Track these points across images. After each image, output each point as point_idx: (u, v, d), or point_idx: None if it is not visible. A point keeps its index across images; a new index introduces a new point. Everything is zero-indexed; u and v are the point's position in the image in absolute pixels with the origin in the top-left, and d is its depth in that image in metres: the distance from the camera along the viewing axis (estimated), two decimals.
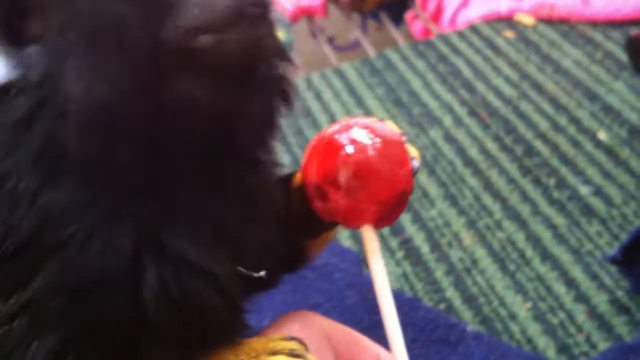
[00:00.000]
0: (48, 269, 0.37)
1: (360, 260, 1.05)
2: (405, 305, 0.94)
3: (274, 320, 0.49)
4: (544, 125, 1.27)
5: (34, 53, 0.36)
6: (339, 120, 0.50)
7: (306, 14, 1.78)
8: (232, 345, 0.45)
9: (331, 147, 0.46)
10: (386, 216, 0.47)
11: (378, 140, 0.46)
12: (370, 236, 0.47)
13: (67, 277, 0.37)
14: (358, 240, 1.10)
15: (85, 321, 0.39)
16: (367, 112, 1.39)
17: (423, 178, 1.20)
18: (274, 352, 0.44)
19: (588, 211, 1.09)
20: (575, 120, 1.27)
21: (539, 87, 1.36)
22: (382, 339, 0.49)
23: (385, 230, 1.10)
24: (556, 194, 1.12)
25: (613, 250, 0.99)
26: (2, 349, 0.38)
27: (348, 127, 0.47)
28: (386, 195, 0.46)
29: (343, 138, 0.46)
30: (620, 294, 0.96)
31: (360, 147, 0.46)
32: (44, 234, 0.37)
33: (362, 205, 0.46)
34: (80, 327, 0.38)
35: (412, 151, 0.50)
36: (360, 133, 0.47)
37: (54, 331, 0.38)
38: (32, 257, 0.37)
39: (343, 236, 1.10)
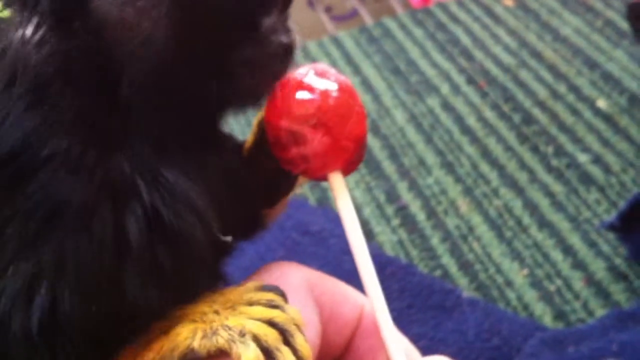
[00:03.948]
0: (34, 186, 0.38)
1: None
2: (400, 271, 0.93)
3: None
4: (542, 93, 1.25)
5: None
6: None
7: None
8: (208, 295, 0.44)
9: (303, 90, 0.45)
10: (356, 158, 0.47)
11: (342, 81, 0.47)
12: (340, 182, 0.47)
13: (53, 196, 0.38)
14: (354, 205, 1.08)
15: (62, 248, 0.38)
16: (365, 81, 1.37)
17: (420, 146, 1.19)
18: (251, 303, 0.43)
19: (586, 179, 1.07)
20: (574, 88, 1.25)
21: (538, 55, 1.35)
22: None
23: (382, 197, 1.09)
24: (554, 162, 1.11)
25: (611, 217, 0.98)
26: None
27: (308, 72, 0.46)
28: (361, 132, 0.46)
29: (313, 81, 0.46)
30: (618, 261, 0.95)
31: (333, 88, 0.46)
32: (34, 150, 0.38)
33: (342, 142, 0.46)
34: (57, 254, 0.38)
35: None
36: (322, 77, 0.46)
37: (31, 257, 0.38)
38: (19, 173, 0.38)
39: None
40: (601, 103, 1.21)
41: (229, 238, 0.47)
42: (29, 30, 0.40)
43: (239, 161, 0.50)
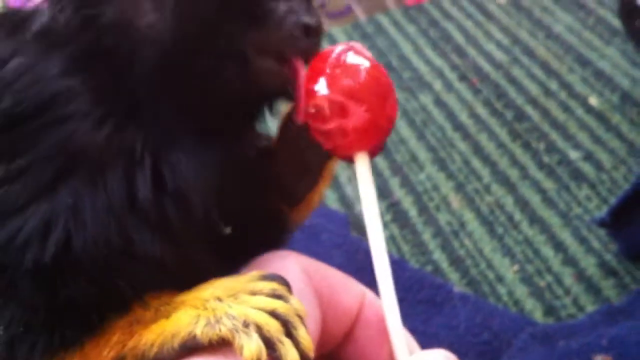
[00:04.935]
0: (58, 136, 0.42)
1: (347, 222, 1.04)
2: (391, 266, 0.93)
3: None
4: (535, 90, 1.26)
5: None
6: None
7: None
8: (210, 282, 0.44)
9: (347, 66, 0.47)
10: (384, 141, 0.49)
11: (377, 62, 0.48)
12: (366, 164, 0.48)
13: (74, 147, 0.43)
14: (345, 203, 1.09)
15: (78, 194, 0.42)
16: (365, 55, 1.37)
17: (412, 142, 1.19)
18: (254, 292, 0.43)
19: (578, 175, 1.08)
20: (566, 86, 1.25)
21: (530, 53, 1.35)
22: None
23: None
24: (546, 158, 1.12)
25: (602, 213, 0.98)
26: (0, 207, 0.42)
27: (349, 49, 0.47)
28: (394, 113, 0.48)
29: (355, 57, 0.47)
30: (608, 257, 0.95)
31: (374, 66, 0.47)
32: (64, 105, 0.43)
33: (380, 120, 0.47)
34: (74, 199, 0.42)
35: None
36: (361, 55, 0.47)
37: (49, 198, 0.42)
38: (47, 122, 0.43)
39: (330, 199, 1.09)
40: (593, 100, 1.21)
41: (228, 229, 0.49)
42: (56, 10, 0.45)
43: (260, 157, 0.51)
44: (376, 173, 1.13)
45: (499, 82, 1.29)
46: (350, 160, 0.48)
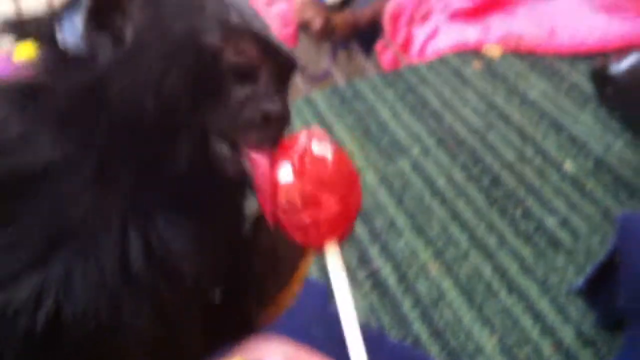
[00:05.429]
0: (50, 206, 0.44)
1: (326, 293, 1.04)
2: (371, 341, 0.93)
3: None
4: (510, 155, 1.28)
5: (105, 41, 0.46)
6: None
7: None
8: None
9: (314, 156, 0.47)
10: (352, 227, 0.50)
11: (340, 149, 0.49)
12: (336, 252, 0.49)
13: (65, 218, 0.44)
14: (324, 271, 1.09)
15: (69, 267, 0.44)
16: (337, 141, 1.38)
17: (391, 209, 1.20)
18: None
19: (554, 242, 1.09)
20: (541, 151, 1.28)
21: (506, 118, 1.37)
22: None
23: (353, 261, 1.09)
24: (523, 225, 1.13)
25: (579, 281, 0.99)
26: None
27: (311, 137, 0.48)
28: (360, 201, 0.49)
29: (321, 146, 0.48)
30: (586, 327, 0.96)
31: (339, 153, 0.48)
32: (55, 176, 0.44)
33: (350, 209, 0.48)
34: (65, 271, 0.43)
35: None
36: (323, 142, 0.48)
37: (40, 270, 0.43)
38: (40, 191, 0.44)
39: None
40: (568, 166, 1.23)
41: (217, 297, 0.51)
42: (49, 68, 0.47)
43: (235, 233, 0.53)
44: (356, 240, 1.13)
45: (475, 147, 1.31)
46: (319, 249, 0.49)
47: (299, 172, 0.47)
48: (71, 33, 0.46)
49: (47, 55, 0.48)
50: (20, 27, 0.51)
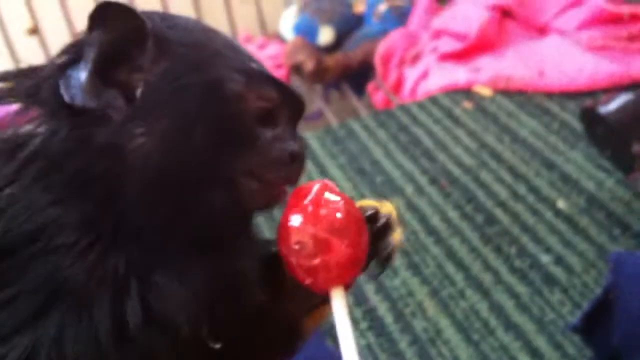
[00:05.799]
0: (43, 268, 0.44)
1: (324, 332, 1.04)
2: None
3: None
4: (503, 194, 1.29)
5: (116, 97, 0.45)
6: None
7: None
8: None
9: (327, 203, 0.48)
10: (360, 273, 0.50)
11: (347, 197, 0.50)
12: (342, 297, 0.49)
13: (58, 280, 0.44)
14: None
15: (61, 327, 0.43)
16: (331, 181, 1.39)
17: None
18: None
19: (549, 280, 1.09)
20: (534, 189, 1.29)
21: (497, 157, 1.39)
22: None
23: (350, 299, 1.09)
24: (517, 263, 1.13)
25: (575, 318, 0.99)
26: None
27: (324, 187, 0.50)
28: (368, 246, 0.49)
29: (330, 192, 0.49)
30: None
31: (348, 202, 0.49)
32: (50, 237, 0.44)
33: (358, 253, 0.48)
34: (57, 332, 0.43)
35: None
36: (333, 191, 0.50)
37: (32, 331, 0.43)
38: (33, 254, 0.44)
39: None
40: (561, 204, 1.24)
41: (217, 345, 0.49)
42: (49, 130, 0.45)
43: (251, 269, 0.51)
44: None
45: (468, 185, 1.32)
46: (325, 294, 0.49)
47: (311, 216, 0.48)
48: (75, 89, 0.45)
49: (52, 110, 0.46)
50: (18, 87, 0.48)
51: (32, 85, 0.47)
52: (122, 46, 0.46)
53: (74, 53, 0.46)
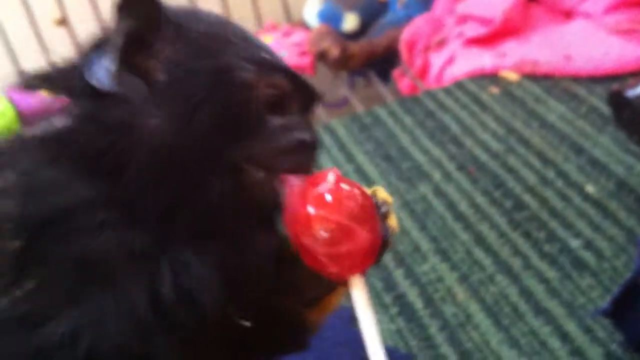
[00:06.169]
0: (67, 252, 0.46)
1: (350, 317, 1.05)
2: None
3: None
4: (532, 179, 1.28)
5: (136, 81, 0.49)
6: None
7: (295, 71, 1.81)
8: None
9: (345, 190, 0.50)
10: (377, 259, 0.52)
11: (358, 185, 0.52)
12: (362, 285, 0.51)
13: (98, 259, 0.46)
14: (348, 295, 1.09)
15: (102, 305, 0.45)
16: (357, 168, 1.40)
17: (415, 233, 1.20)
18: None
19: (579, 264, 1.09)
20: (562, 174, 1.28)
21: (525, 142, 1.38)
22: None
23: (379, 285, 1.10)
24: (547, 248, 1.13)
25: (605, 303, 0.99)
26: None
27: (338, 176, 0.51)
28: (382, 231, 0.52)
29: (347, 183, 0.51)
30: (614, 347, 0.96)
31: (365, 193, 0.51)
32: (86, 216, 0.47)
33: (377, 239, 0.50)
34: (98, 311, 0.45)
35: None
36: (347, 181, 0.51)
37: (74, 310, 0.45)
38: (54, 240, 0.46)
39: None
40: (590, 188, 1.24)
41: (247, 323, 0.51)
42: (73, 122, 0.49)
43: (275, 259, 0.53)
44: (380, 265, 1.14)
45: (496, 171, 1.32)
46: (344, 283, 0.50)
47: (333, 205, 0.49)
48: (101, 75, 0.48)
49: (78, 96, 0.50)
50: (50, 78, 0.53)
51: (62, 75, 0.51)
52: (143, 33, 0.49)
53: (100, 44, 0.50)
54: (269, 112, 0.51)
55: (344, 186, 0.50)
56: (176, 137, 0.48)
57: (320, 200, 0.49)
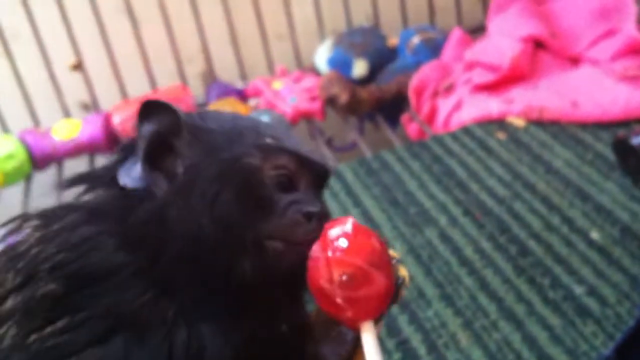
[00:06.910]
0: (102, 302, 0.52)
1: None
2: None
3: None
4: (537, 224, 1.29)
5: (160, 179, 0.56)
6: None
7: (305, 116, 1.84)
8: None
9: (363, 234, 0.53)
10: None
11: (372, 231, 0.55)
12: (372, 331, 0.52)
13: (124, 313, 0.52)
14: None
15: (125, 349, 0.51)
16: (364, 212, 1.41)
17: (419, 278, 1.21)
18: None
19: (583, 311, 1.09)
20: (568, 220, 1.29)
21: (531, 187, 1.39)
22: None
23: (382, 331, 1.11)
24: (551, 294, 1.14)
25: (608, 349, 1.00)
26: None
27: (357, 225, 0.54)
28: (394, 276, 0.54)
29: (362, 228, 0.54)
30: None
31: (379, 239, 0.54)
32: (119, 278, 0.53)
33: (390, 284, 0.52)
34: (120, 353, 0.51)
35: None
36: (361, 226, 0.54)
37: (98, 350, 0.51)
38: (93, 291, 0.52)
39: None
40: (594, 234, 1.24)
41: None
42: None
43: (295, 332, 0.58)
44: None
45: (502, 216, 1.33)
46: (356, 329, 0.52)
47: (351, 250, 0.51)
48: (131, 175, 0.56)
49: (110, 193, 0.57)
50: (88, 177, 0.60)
51: (96, 176, 0.59)
52: (164, 136, 0.57)
53: (128, 147, 0.58)
54: (279, 191, 0.57)
55: (362, 231, 0.53)
56: (199, 225, 0.54)
57: (339, 245, 0.52)
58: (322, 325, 0.61)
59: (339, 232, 0.53)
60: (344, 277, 0.50)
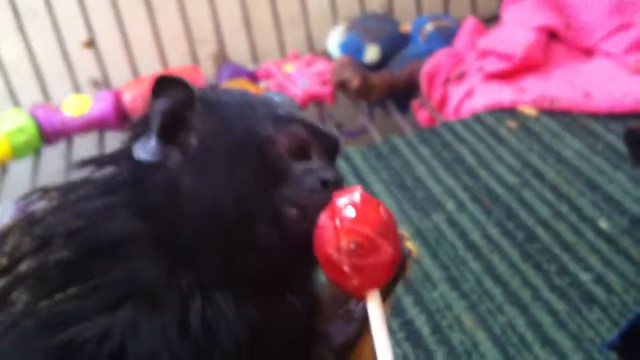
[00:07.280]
0: (116, 271, 0.53)
1: None
2: None
3: None
4: (545, 212, 1.29)
5: (174, 152, 0.56)
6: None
7: (315, 100, 1.83)
8: None
9: (371, 206, 0.53)
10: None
11: (384, 205, 0.54)
12: (378, 300, 0.52)
13: (140, 279, 0.53)
14: None
15: (135, 315, 0.51)
16: (373, 196, 1.41)
17: (426, 261, 1.21)
18: None
19: (589, 298, 1.09)
20: (576, 209, 1.29)
21: (540, 176, 1.39)
22: None
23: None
24: (557, 280, 1.13)
25: (612, 336, 0.99)
26: None
27: (365, 194, 0.54)
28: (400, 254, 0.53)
29: (369, 197, 0.53)
30: None
31: (387, 209, 0.53)
32: (133, 247, 0.54)
33: (397, 253, 0.52)
34: (132, 319, 0.51)
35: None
36: (370, 197, 0.54)
37: (111, 315, 0.51)
38: (107, 260, 0.53)
39: None
40: (603, 224, 1.24)
41: None
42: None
43: (306, 309, 0.59)
44: None
45: (510, 204, 1.33)
46: (362, 298, 0.52)
47: (359, 218, 0.51)
48: (145, 150, 0.57)
49: (125, 166, 0.58)
50: (103, 157, 0.60)
51: (111, 155, 0.60)
52: (177, 110, 0.57)
53: (142, 121, 0.59)
54: (293, 159, 0.57)
55: (370, 201, 0.53)
56: (215, 195, 0.55)
57: (347, 214, 0.51)
58: (330, 304, 0.61)
59: (347, 201, 0.52)
60: (352, 246, 0.50)
